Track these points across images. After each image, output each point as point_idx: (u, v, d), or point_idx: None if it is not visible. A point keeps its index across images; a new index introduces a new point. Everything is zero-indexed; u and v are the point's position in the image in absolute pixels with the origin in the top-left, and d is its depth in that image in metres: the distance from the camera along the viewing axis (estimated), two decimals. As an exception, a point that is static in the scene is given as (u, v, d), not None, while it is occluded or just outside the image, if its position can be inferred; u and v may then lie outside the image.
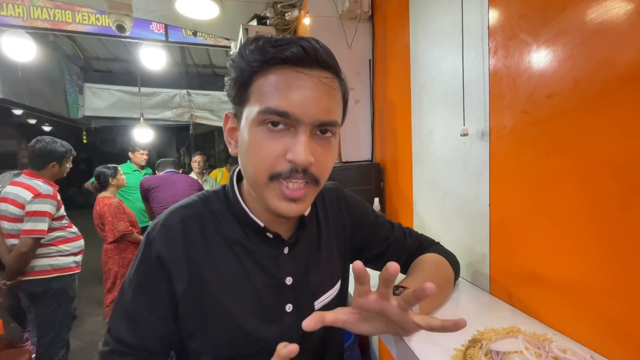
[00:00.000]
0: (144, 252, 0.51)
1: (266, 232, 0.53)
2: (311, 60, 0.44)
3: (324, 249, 0.60)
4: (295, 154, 0.43)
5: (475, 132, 0.76)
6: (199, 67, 5.14)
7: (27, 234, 1.68)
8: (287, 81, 0.43)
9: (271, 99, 0.43)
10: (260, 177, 0.45)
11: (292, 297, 0.54)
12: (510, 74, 0.65)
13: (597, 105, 0.49)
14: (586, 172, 0.51)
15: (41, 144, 1.85)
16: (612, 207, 0.47)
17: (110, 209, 2.32)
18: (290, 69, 0.43)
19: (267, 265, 0.53)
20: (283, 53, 0.43)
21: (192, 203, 0.55)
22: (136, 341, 0.51)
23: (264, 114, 0.43)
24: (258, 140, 0.44)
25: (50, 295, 1.82)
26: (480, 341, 0.47)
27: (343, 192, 0.69)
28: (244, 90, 0.46)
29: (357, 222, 0.67)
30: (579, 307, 0.53)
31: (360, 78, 1.47)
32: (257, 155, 0.45)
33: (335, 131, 0.48)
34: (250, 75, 0.45)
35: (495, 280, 0.73)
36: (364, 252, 0.67)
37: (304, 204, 0.48)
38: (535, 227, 0.61)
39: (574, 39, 0.52)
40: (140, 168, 3.36)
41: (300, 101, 0.43)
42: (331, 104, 0.46)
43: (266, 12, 1.82)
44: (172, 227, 0.51)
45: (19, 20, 2.80)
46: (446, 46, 0.88)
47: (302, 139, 0.43)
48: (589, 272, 0.51)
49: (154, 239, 0.51)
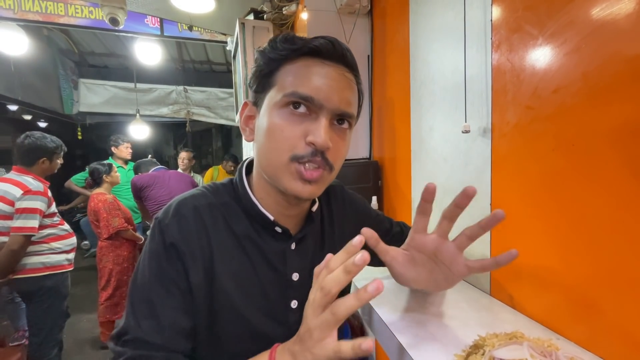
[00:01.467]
0: (158, 242, 0.48)
1: (275, 226, 0.53)
2: (337, 55, 0.47)
3: (327, 245, 0.61)
4: (315, 137, 0.45)
5: (476, 128, 0.74)
6: (195, 63, 5.08)
7: (17, 231, 1.65)
8: (313, 69, 0.46)
9: (297, 83, 0.46)
10: (281, 158, 0.46)
11: (298, 294, 0.54)
12: (514, 68, 0.63)
13: (606, 101, 0.46)
14: (594, 170, 0.48)
15: (30, 139, 1.81)
16: (622, 208, 0.45)
17: (104, 205, 2.29)
18: (317, 60, 0.47)
19: (274, 260, 0.53)
20: (312, 43, 0.46)
21: (202, 194, 0.54)
22: (159, 340, 0.45)
23: (289, 97, 0.46)
24: (280, 122, 0.46)
25: (43, 294, 1.79)
26: (483, 347, 0.44)
27: (346, 191, 0.71)
28: (268, 77, 0.48)
29: (360, 219, 0.67)
30: (584, 311, 0.51)
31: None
32: (279, 136, 0.46)
33: (351, 123, 0.51)
34: (278, 63, 0.48)
35: (496, 281, 0.70)
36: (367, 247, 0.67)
37: (318, 187, 0.49)
38: (538, 227, 0.59)
39: (583, 30, 0.49)
40: (124, 163, 3.32)
41: (325, 88, 0.46)
42: (351, 97, 0.49)
43: (263, 6, 1.78)
44: (185, 215, 0.50)
45: (10, 12, 2.73)
46: (447, 41, 0.86)
47: (323, 122, 0.46)
48: (595, 276, 0.49)
49: (166, 227, 0.49)
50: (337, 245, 0.61)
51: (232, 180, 0.57)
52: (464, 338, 0.52)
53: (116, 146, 3.23)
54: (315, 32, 1.49)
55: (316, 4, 1.39)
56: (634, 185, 0.43)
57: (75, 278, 2.00)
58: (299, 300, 0.54)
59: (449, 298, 0.70)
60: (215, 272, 0.50)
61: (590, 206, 0.49)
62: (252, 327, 0.51)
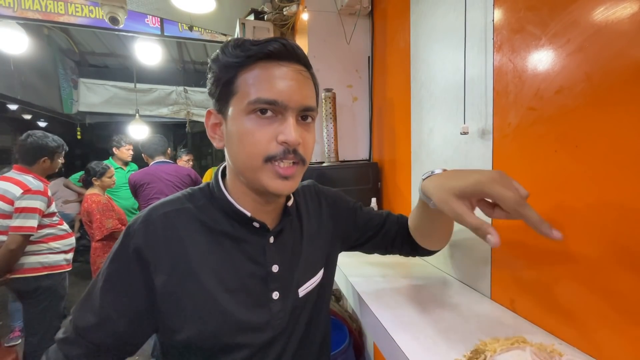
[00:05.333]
0: (121, 245, 0.52)
1: (252, 222, 0.55)
2: (290, 55, 0.50)
3: (305, 239, 0.64)
4: (286, 135, 0.48)
5: (477, 130, 0.73)
6: (196, 64, 5.08)
7: (16, 230, 1.64)
8: (272, 73, 0.48)
9: (259, 90, 0.48)
10: (255, 161, 0.49)
11: (279, 285, 0.57)
12: (516, 69, 0.62)
13: (611, 101, 0.46)
14: (598, 173, 0.48)
15: (32, 138, 1.80)
16: (627, 211, 0.44)
17: (98, 207, 2.26)
18: (273, 63, 0.49)
19: (254, 254, 0.56)
20: (266, 48, 0.48)
21: (175, 200, 0.56)
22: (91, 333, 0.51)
23: (254, 104, 0.48)
24: (249, 128, 0.49)
25: (40, 294, 1.78)
26: (484, 352, 0.43)
27: (320, 186, 0.75)
28: (229, 86, 0.50)
29: (337, 211, 0.72)
30: (588, 316, 0.50)
31: (358, 75, 1.44)
32: (251, 141, 0.49)
33: (314, 116, 0.54)
34: (235, 71, 0.49)
35: (497, 285, 0.70)
36: (352, 234, 0.73)
37: (294, 182, 0.52)
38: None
39: (587, 30, 0.48)
40: (124, 165, 3.30)
41: (286, 89, 0.48)
42: (309, 92, 0.53)
43: (264, 7, 1.78)
44: (153, 221, 0.52)
45: (9, 10, 2.73)
46: (448, 42, 0.85)
47: (291, 121, 0.49)
48: (599, 280, 0.48)
49: (133, 232, 0.51)
50: (316, 238, 0.66)
51: (208, 184, 0.59)
52: (465, 342, 0.52)
53: (117, 147, 3.21)
54: (316, 33, 1.50)
55: (317, 4, 1.38)
56: (639, 188, 0.42)
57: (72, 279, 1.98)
58: (280, 291, 0.57)
59: (449, 302, 0.69)
60: (192, 271, 0.51)
61: (595, 209, 0.48)
62: (234, 320, 0.52)
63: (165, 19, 3.04)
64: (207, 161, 7.83)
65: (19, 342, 2.42)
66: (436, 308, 0.66)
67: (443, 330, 0.57)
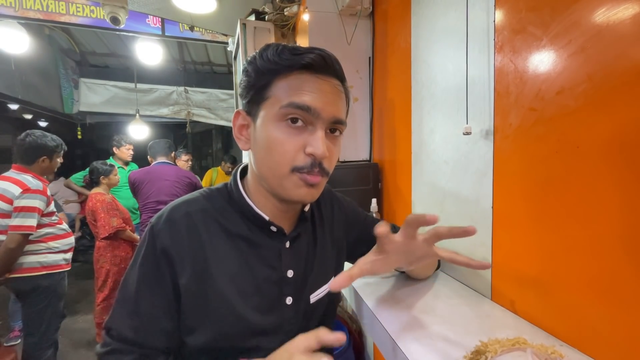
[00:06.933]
0: (148, 246, 0.52)
1: (270, 225, 0.55)
2: (327, 68, 0.50)
3: (319, 245, 0.63)
4: (315, 148, 0.48)
5: (478, 130, 0.73)
6: (197, 64, 5.08)
7: (15, 229, 1.63)
8: (308, 83, 0.49)
9: (294, 96, 0.48)
10: (282, 169, 0.49)
11: (292, 290, 0.57)
12: (517, 69, 0.62)
13: (612, 102, 0.46)
14: (599, 173, 0.47)
15: (31, 137, 1.80)
16: (628, 212, 0.44)
17: (102, 205, 2.28)
18: (310, 74, 0.49)
19: (269, 258, 0.55)
20: (305, 59, 0.48)
21: (195, 199, 0.56)
22: (139, 338, 0.50)
23: (286, 108, 0.48)
24: (279, 135, 0.49)
25: (39, 294, 1.77)
26: (485, 353, 0.43)
27: (335, 193, 0.74)
28: (262, 90, 0.50)
29: (349, 220, 0.72)
30: (589, 318, 0.49)
31: (359, 76, 1.44)
32: (279, 150, 0.49)
33: (342, 130, 0.54)
34: (271, 77, 0.49)
35: (498, 286, 0.69)
36: (358, 247, 0.71)
37: (318, 191, 0.53)
38: (541, 231, 0.58)
39: (588, 31, 0.48)
40: (125, 164, 3.30)
41: (320, 100, 0.48)
42: (342, 106, 0.53)
43: (265, 7, 1.78)
44: (176, 221, 0.52)
45: (11, 10, 2.73)
46: (449, 42, 0.85)
47: (320, 134, 0.49)
48: (601, 281, 0.48)
49: (158, 232, 0.52)
50: (328, 245, 0.66)
51: (226, 184, 0.60)
52: (465, 343, 0.51)
53: (118, 147, 3.22)
54: (317, 34, 1.50)
55: (318, 5, 1.38)
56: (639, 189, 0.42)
57: (71, 279, 1.98)
58: (294, 296, 0.57)
59: (449, 303, 0.69)
60: (208, 273, 0.51)
61: (595, 210, 0.48)
62: (247, 324, 0.52)
63: (166, 19, 3.04)
64: (207, 161, 7.82)
65: (18, 342, 2.41)
66: (436, 309, 0.66)
67: (443, 331, 0.57)
